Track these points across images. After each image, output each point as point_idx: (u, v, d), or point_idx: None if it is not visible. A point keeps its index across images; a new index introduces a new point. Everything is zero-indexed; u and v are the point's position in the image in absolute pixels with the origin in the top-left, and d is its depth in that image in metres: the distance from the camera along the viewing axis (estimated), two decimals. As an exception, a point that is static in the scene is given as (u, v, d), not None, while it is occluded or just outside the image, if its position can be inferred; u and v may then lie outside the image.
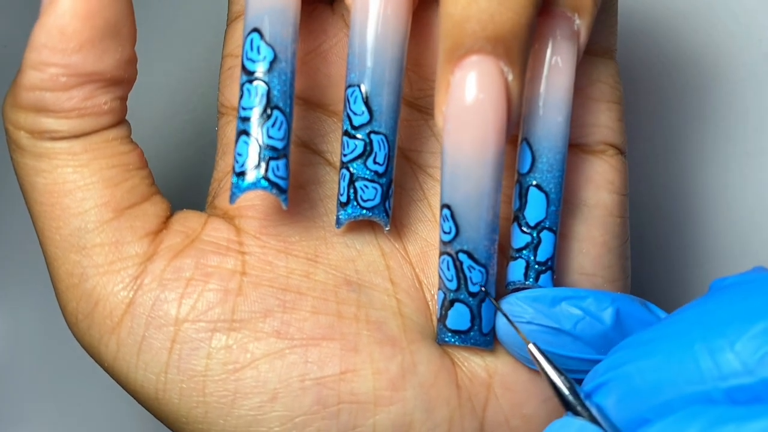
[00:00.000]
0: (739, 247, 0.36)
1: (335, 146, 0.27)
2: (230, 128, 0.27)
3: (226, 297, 0.24)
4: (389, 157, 0.24)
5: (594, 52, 0.26)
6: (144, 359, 0.24)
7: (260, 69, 0.23)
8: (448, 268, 0.23)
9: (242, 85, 0.23)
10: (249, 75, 0.23)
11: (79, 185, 0.24)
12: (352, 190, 0.24)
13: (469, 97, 0.21)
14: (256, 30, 0.23)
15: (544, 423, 0.25)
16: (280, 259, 0.25)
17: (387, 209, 0.24)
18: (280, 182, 0.23)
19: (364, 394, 0.24)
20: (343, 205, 0.24)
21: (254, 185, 0.23)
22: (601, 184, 0.26)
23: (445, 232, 0.23)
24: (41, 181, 0.24)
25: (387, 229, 0.25)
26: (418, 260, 0.26)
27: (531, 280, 0.24)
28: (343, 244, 0.26)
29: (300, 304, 0.24)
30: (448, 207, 0.23)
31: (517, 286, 0.24)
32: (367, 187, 0.24)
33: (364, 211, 0.24)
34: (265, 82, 0.23)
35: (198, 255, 0.25)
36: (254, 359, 0.24)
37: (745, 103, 0.36)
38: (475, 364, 0.25)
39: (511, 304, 0.24)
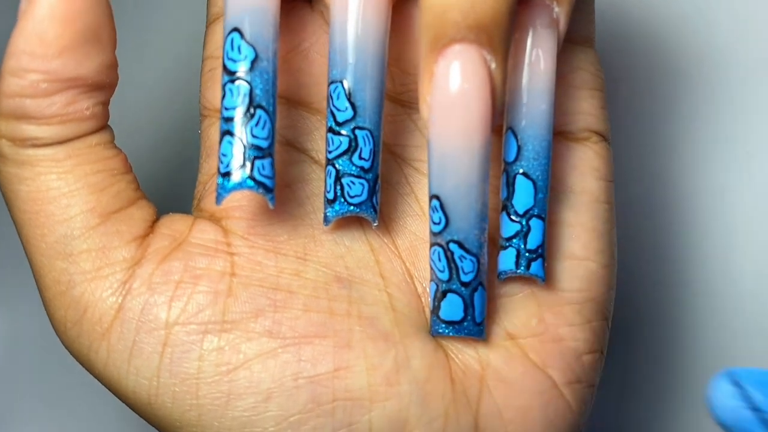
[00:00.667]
0: (738, 248, 0.36)
1: (320, 144, 0.27)
2: (213, 130, 0.27)
3: (216, 299, 0.24)
4: (374, 153, 0.24)
5: (573, 41, 0.26)
6: (135, 364, 0.24)
7: (242, 68, 0.23)
8: (440, 259, 0.23)
9: (224, 86, 0.23)
10: (230, 75, 0.23)
11: (64, 192, 0.24)
12: (338, 187, 0.24)
13: (453, 87, 0.21)
14: (236, 30, 0.23)
15: (537, 415, 0.25)
16: (269, 259, 0.25)
17: (374, 204, 0.24)
18: (266, 181, 0.23)
19: (358, 390, 0.24)
20: (330, 202, 0.24)
21: (240, 185, 0.23)
22: (586, 171, 0.26)
23: (434, 223, 0.23)
24: (24, 189, 0.24)
25: (375, 224, 0.25)
26: (408, 254, 0.26)
27: (522, 268, 0.24)
28: (332, 241, 0.26)
29: (291, 302, 0.24)
30: (437, 198, 0.23)
31: (509, 275, 0.24)
32: (353, 183, 0.24)
33: (352, 207, 0.24)
34: (247, 81, 0.23)
35: (186, 257, 0.24)
36: (247, 360, 0.24)
37: (745, 103, 0.36)
38: (468, 356, 0.25)
39: (733, 382, 0.22)
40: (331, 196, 0.24)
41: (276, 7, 0.24)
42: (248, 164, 0.23)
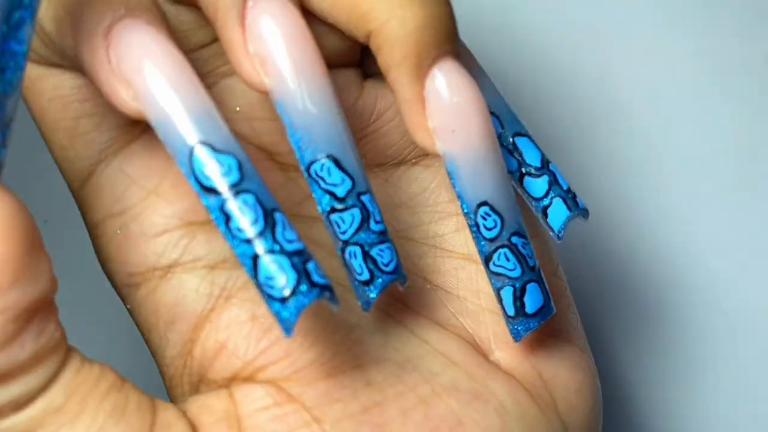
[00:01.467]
0: (738, 249, 0.37)
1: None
2: (161, 292, 0.22)
3: None
4: (381, 212, 0.22)
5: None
6: None
7: (230, 182, 0.19)
8: (508, 259, 0.22)
9: (219, 208, 0.19)
10: (218, 194, 0.19)
11: None
12: (370, 263, 0.21)
13: (460, 97, 0.21)
14: (201, 143, 0.19)
15: (587, 390, 0.25)
16: (336, 388, 0.21)
17: (400, 265, 0.22)
18: (326, 282, 0.19)
19: None
20: (366, 283, 0.21)
21: (309, 298, 0.19)
22: None
23: (489, 229, 0.22)
24: None
25: (406, 285, 0.22)
26: (428, 308, 0.24)
27: (574, 208, 0.24)
28: (370, 333, 0.23)
29: (387, 413, 0.21)
30: (486, 203, 0.22)
31: (566, 225, 0.24)
32: (382, 250, 0.21)
33: (391, 277, 0.21)
34: (247, 190, 0.19)
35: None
36: None
37: (745, 103, 0.37)
38: (526, 370, 0.24)
39: None
40: (366, 276, 0.21)
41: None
42: (303, 273, 0.19)
